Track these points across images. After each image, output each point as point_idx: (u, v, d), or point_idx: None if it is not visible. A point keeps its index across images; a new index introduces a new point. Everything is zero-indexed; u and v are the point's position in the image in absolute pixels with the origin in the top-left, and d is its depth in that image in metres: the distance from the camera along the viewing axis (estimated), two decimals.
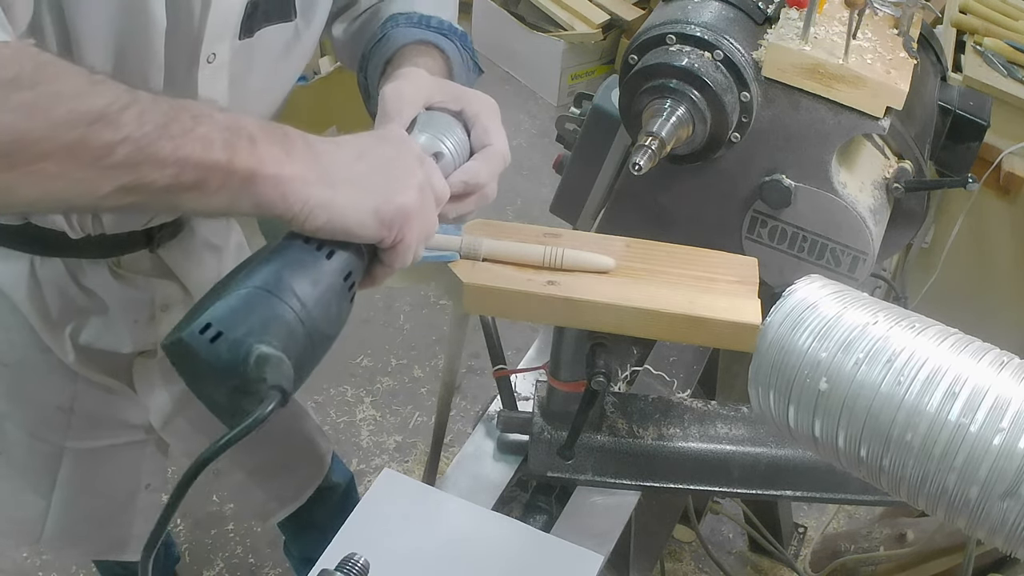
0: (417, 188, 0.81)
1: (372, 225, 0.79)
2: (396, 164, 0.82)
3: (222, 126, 0.73)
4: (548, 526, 1.16)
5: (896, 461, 0.76)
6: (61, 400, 1.29)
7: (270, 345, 0.69)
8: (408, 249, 0.82)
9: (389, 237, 0.80)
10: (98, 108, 0.68)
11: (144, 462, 1.44)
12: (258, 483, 1.61)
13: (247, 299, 0.71)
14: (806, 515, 2.37)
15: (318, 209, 0.76)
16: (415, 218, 0.81)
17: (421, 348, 2.78)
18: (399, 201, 0.79)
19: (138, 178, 0.70)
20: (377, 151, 0.82)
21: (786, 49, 1.14)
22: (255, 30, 1.01)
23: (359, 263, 0.80)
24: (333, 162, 0.78)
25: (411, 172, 0.82)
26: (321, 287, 0.75)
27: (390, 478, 1.10)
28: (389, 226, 0.79)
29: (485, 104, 0.95)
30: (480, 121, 0.93)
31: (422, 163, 0.84)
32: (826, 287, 0.84)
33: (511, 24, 3.71)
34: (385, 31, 1.09)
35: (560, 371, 1.13)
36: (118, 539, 1.50)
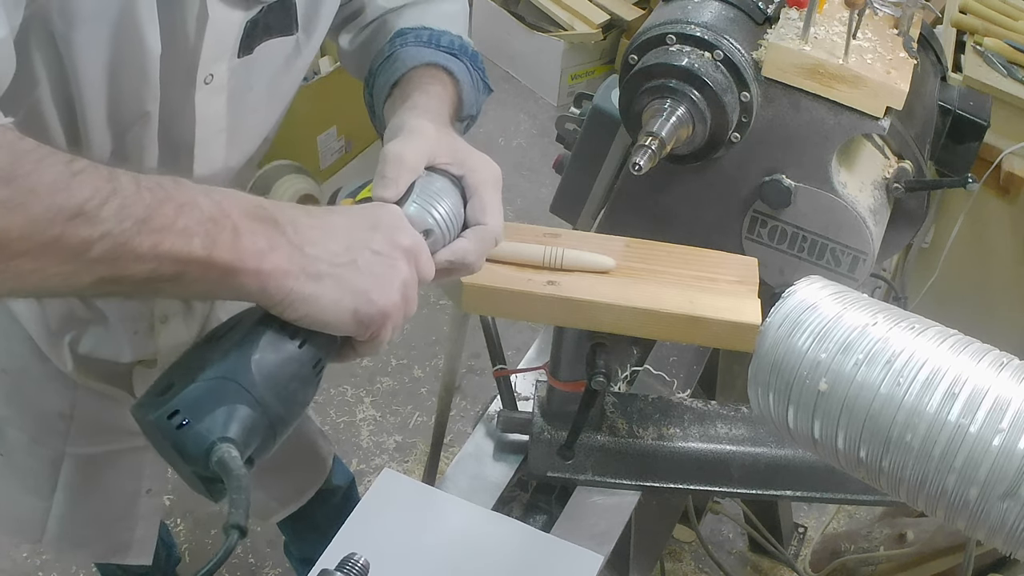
0: (400, 289, 0.80)
1: (350, 323, 0.78)
2: (382, 261, 0.80)
3: (205, 216, 0.72)
4: (548, 526, 1.16)
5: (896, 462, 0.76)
6: (61, 407, 1.29)
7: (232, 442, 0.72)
8: (383, 343, 0.82)
9: (366, 335, 0.80)
10: (76, 203, 0.67)
11: (145, 467, 1.44)
12: (258, 485, 1.61)
13: (214, 390, 0.73)
14: (806, 515, 2.37)
15: (298, 302, 0.76)
16: (392, 317, 0.80)
17: (421, 348, 2.78)
18: (380, 304, 0.79)
19: (116, 272, 0.70)
20: (366, 242, 0.80)
21: (786, 49, 1.14)
22: (254, 47, 0.99)
23: (331, 349, 0.81)
24: (318, 254, 0.77)
25: (396, 272, 0.80)
26: (288, 377, 0.77)
27: (390, 478, 1.10)
28: (367, 326, 0.79)
29: (488, 175, 0.92)
30: (479, 194, 0.91)
31: (410, 257, 0.82)
32: (826, 288, 0.84)
33: (511, 24, 3.70)
34: (393, 49, 1.07)
35: (560, 371, 1.13)
36: (120, 543, 1.49)
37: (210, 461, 0.72)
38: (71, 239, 0.67)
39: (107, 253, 0.68)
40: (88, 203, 0.67)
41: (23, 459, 1.36)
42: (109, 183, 0.69)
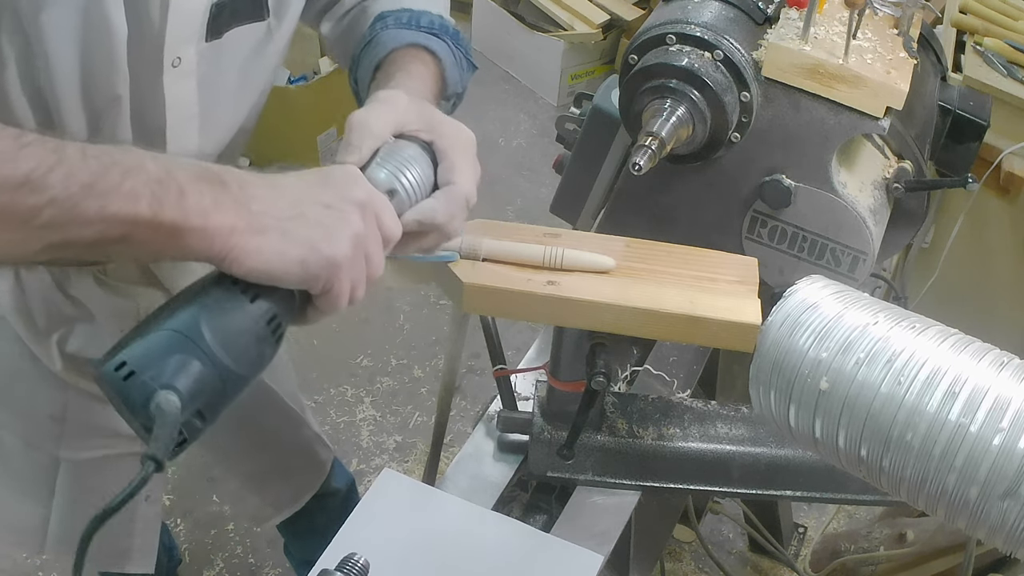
0: (350, 239, 0.80)
1: (298, 274, 0.78)
2: (331, 213, 0.80)
3: (152, 179, 0.74)
4: (548, 526, 1.16)
5: (896, 461, 0.76)
6: (53, 409, 1.29)
7: (175, 391, 0.73)
8: (339, 296, 0.82)
9: (317, 286, 0.80)
10: (23, 172, 0.69)
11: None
12: (253, 489, 1.60)
13: (161, 341, 0.74)
14: (806, 515, 2.37)
15: (243, 257, 0.77)
16: (344, 268, 0.80)
17: (421, 348, 2.78)
18: (327, 253, 0.79)
19: (65, 236, 0.72)
20: (315, 197, 0.81)
21: (786, 49, 1.14)
22: (223, 31, 0.99)
23: (287, 307, 0.81)
24: (265, 209, 0.78)
25: (346, 222, 0.80)
26: (239, 331, 0.77)
27: (390, 478, 1.10)
28: (317, 276, 0.79)
29: (459, 137, 0.93)
30: (449, 156, 0.91)
31: (364, 208, 0.82)
32: (826, 287, 0.84)
33: (511, 24, 3.71)
34: (374, 33, 1.07)
35: (560, 371, 1.13)
36: (120, 550, 1.49)
37: (149, 410, 0.72)
38: (19, 207, 0.69)
39: (54, 219, 0.71)
40: (34, 172, 0.70)
41: (18, 464, 1.36)
42: (55, 153, 0.71)
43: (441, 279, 1.05)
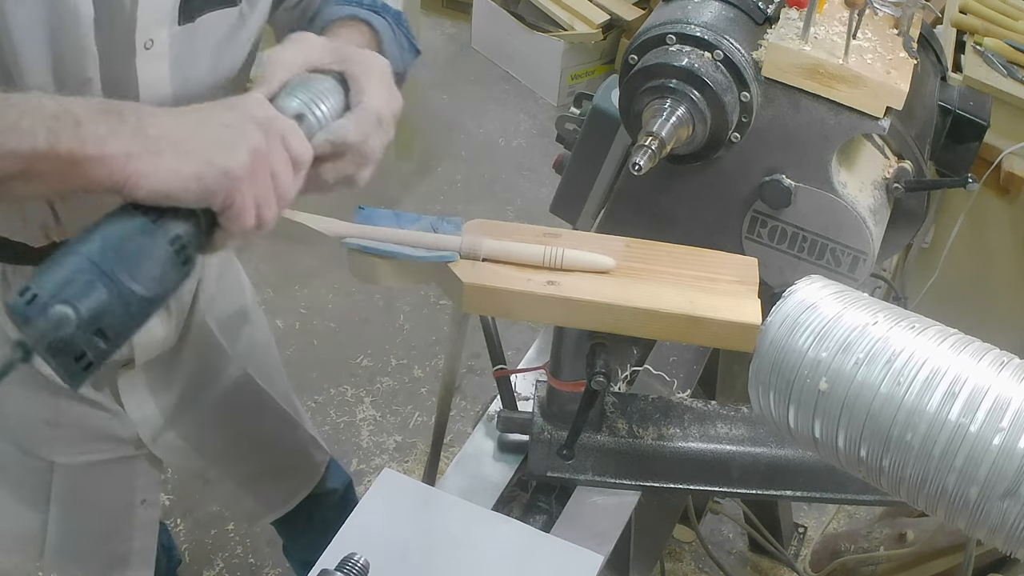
0: (248, 152, 0.81)
1: (195, 190, 0.80)
2: (227, 129, 0.82)
3: (49, 115, 0.77)
4: (548, 526, 1.16)
5: (896, 461, 0.76)
6: (46, 414, 1.28)
7: (71, 306, 0.75)
8: (243, 212, 0.82)
9: (216, 201, 0.81)
10: None
11: (137, 478, 1.43)
12: (248, 491, 1.60)
13: (62, 263, 0.77)
14: (806, 515, 2.37)
15: (141, 180, 0.78)
16: (244, 181, 0.81)
17: (421, 348, 2.78)
18: (223, 165, 0.80)
19: None
20: (215, 118, 0.83)
21: (786, 49, 1.14)
22: (196, 16, 1.00)
23: (190, 227, 0.82)
24: (162, 133, 0.80)
25: (243, 136, 0.81)
26: (139, 252, 0.79)
27: (390, 478, 1.10)
28: (214, 191, 0.80)
29: (369, 64, 0.94)
30: (359, 81, 0.92)
31: (266, 127, 0.83)
32: (826, 287, 0.84)
33: (511, 24, 3.71)
34: (317, 10, 1.09)
35: (560, 371, 1.13)
36: (119, 555, 1.49)
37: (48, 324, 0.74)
38: None
39: None
40: None
41: (14, 470, 1.36)
42: None
43: (441, 279, 1.05)
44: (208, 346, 1.39)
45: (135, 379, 1.32)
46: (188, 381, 1.39)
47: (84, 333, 0.75)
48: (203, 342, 1.38)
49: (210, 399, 1.43)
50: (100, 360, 0.78)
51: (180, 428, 1.41)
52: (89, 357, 0.77)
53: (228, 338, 1.42)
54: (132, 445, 1.38)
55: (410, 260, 1.04)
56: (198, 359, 1.39)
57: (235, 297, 1.44)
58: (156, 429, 1.38)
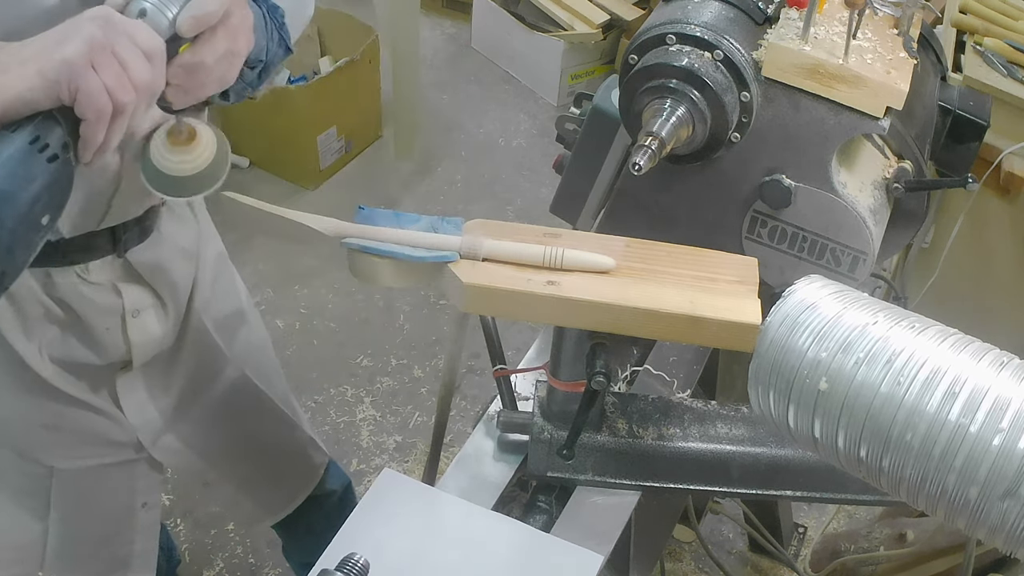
0: (83, 40, 0.82)
1: (39, 87, 0.81)
2: (62, 29, 0.84)
3: None
4: (548, 526, 1.16)
5: (896, 461, 0.76)
6: (45, 419, 1.28)
7: None
8: (92, 97, 0.83)
9: (63, 91, 0.82)
10: None
11: (137, 481, 1.43)
12: (247, 494, 1.60)
13: None
14: (806, 515, 2.37)
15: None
16: (82, 66, 0.82)
17: (421, 348, 2.78)
18: (59, 55, 0.82)
19: None
20: (56, 29, 0.84)
21: (786, 49, 1.14)
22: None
23: (51, 126, 0.84)
24: (8, 53, 0.83)
25: (77, 31, 0.83)
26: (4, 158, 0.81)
27: (390, 478, 1.10)
28: (56, 81, 0.82)
29: None
30: None
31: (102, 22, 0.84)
32: (826, 287, 0.84)
33: (511, 24, 3.70)
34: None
35: (560, 371, 1.13)
36: (120, 558, 1.48)
37: None
38: None
39: None
40: None
41: (14, 476, 1.35)
42: None
43: (441, 279, 1.05)
44: (205, 348, 1.39)
45: (133, 382, 1.32)
46: (186, 383, 1.39)
47: None
48: (200, 344, 1.38)
49: (208, 401, 1.43)
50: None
51: (179, 431, 1.41)
52: None
53: (225, 340, 1.42)
54: (132, 449, 1.38)
55: (410, 260, 1.04)
56: (196, 361, 1.39)
57: (231, 299, 1.44)
58: (155, 432, 1.38)
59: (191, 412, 1.41)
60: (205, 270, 1.34)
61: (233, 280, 1.47)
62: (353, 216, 1.08)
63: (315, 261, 2.96)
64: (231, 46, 0.93)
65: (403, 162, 3.34)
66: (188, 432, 1.42)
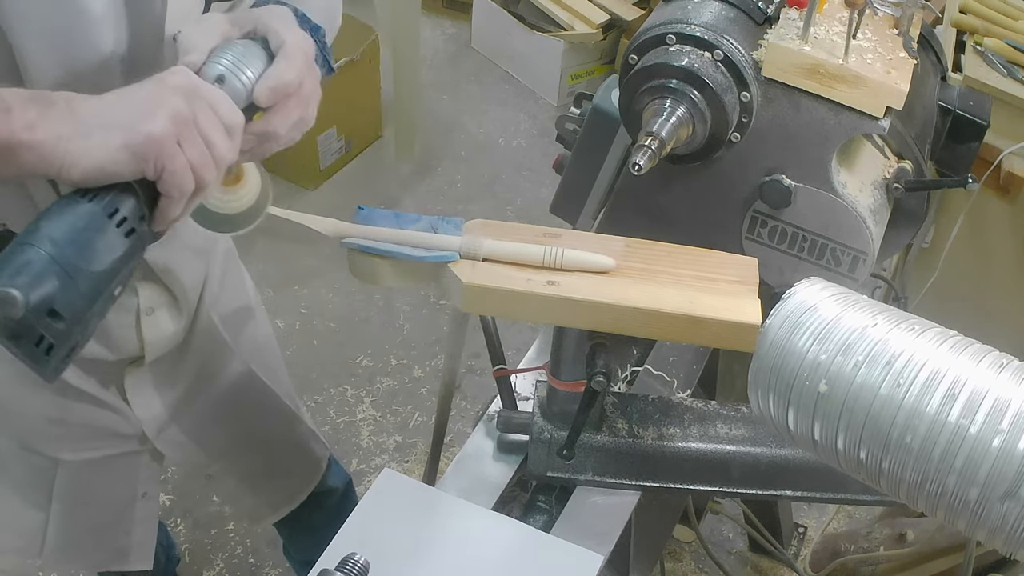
0: (169, 116, 0.82)
1: (124, 160, 0.80)
2: (147, 98, 0.83)
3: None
4: (548, 526, 1.16)
5: (896, 463, 0.76)
6: (51, 412, 1.29)
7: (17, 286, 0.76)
8: (178, 176, 0.83)
9: (149, 168, 0.81)
10: None
11: (140, 471, 1.43)
12: (249, 489, 1.61)
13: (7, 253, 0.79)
14: (806, 515, 2.37)
15: (75, 160, 0.79)
16: (170, 144, 0.81)
17: (421, 348, 2.78)
18: (146, 130, 0.80)
19: None
20: (137, 92, 0.83)
21: (786, 49, 1.14)
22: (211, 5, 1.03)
23: (129, 199, 0.83)
24: (89, 113, 0.81)
25: (163, 102, 0.82)
26: (79, 229, 0.80)
27: (390, 478, 1.10)
28: (143, 157, 0.81)
29: (277, 13, 0.94)
30: (271, 27, 0.92)
31: (186, 92, 0.84)
32: (826, 289, 0.84)
33: (511, 24, 3.70)
34: None
35: (560, 371, 1.13)
36: (118, 549, 1.49)
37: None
38: None
39: None
40: None
41: (17, 468, 1.36)
42: None
43: (441, 279, 1.05)
44: (213, 343, 1.39)
45: (142, 376, 1.33)
46: (193, 377, 1.39)
47: (36, 315, 0.77)
48: (208, 339, 1.38)
49: (214, 395, 1.44)
50: (62, 342, 0.79)
51: (183, 423, 1.41)
52: (49, 339, 0.78)
53: (232, 335, 1.42)
54: (136, 440, 1.39)
55: (410, 260, 1.04)
56: (203, 356, 1.39)
57: (239, 295, 1.45)
58: (160, 424, 1.38)
59: (196, 405, 1.42)
60: (214, 267, 1.35)
61: (241, 276, 1.47)
62: (353, 216, 1.08)
63: (315, 261, 2.96)
64: (303, 113, 0.94)
65: (403, 162, 3.34)
66: (192, 425, 1.42)
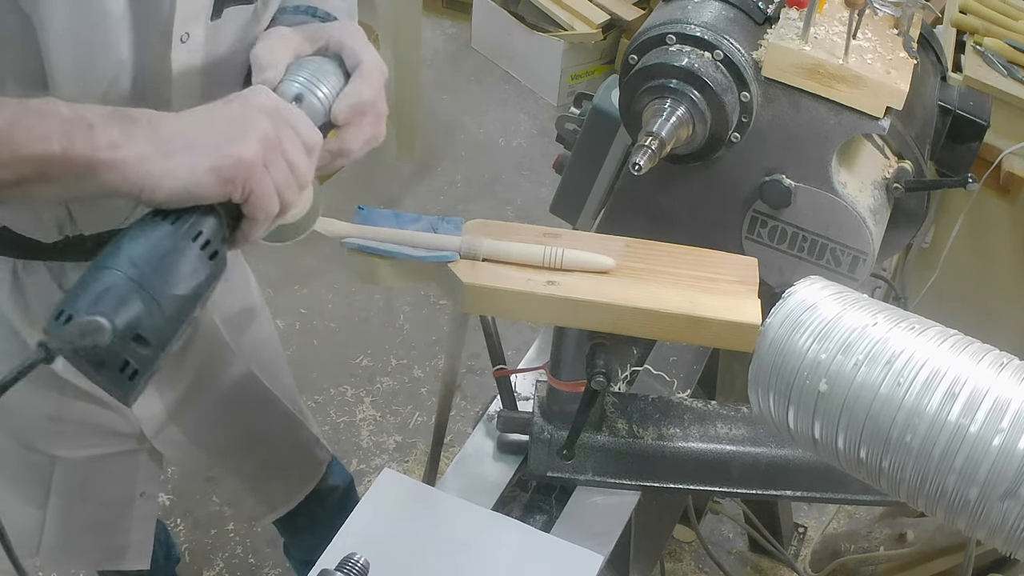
0: (258, 139, 0.81)
1: (211, 183, 0.80)
2: (235, 120, 0.82)
3: (64, 120, 0.77)
4: (548, 526, 1.16)
5: (896, 462, 0.76)
6: (50, 409, 1.28)
7: (102, 314, 0.75)
8: (265, 199, 0.82)
9: (236, 192, 0.81)
10: None
11: (138, 470, 1.43)
12: (249, 489, 1.61)
13: (91, 279, 0.77)
14: (806, 515, 2.37)
15: (157, 182, 0.79)
16: (258, 168, 0.81)
17: (421, 348, 2.78)
18: (236, 154, 0.80)
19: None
20: (221, 112, 0.83)
21: (786, 49, 1.14)
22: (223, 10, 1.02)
23: (212, 222, 0.82)
24: (173, 133, 0.80)
25: (250, 124, 0.82)
26: (163, 252, 0.79)
27: (390, 478, 1.10)
28: (231, 180, 0.80)
29: (345, 30, 0.95)
30: (346, 44, 0.93)
31: (271, 113, 0.83)
32: (826, 288, 0.84)
33: (511, 24, 3.70)
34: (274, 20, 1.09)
35: (560, 371, 1.13)
36: (116, 548, 1.49)
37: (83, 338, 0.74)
38: None
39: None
40: None
41: (14, 465, 1.36)
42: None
43: (441, 279, 1.05)
44: (213, 343, 1.39)
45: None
46: (193, 377, 1.39)
47: (122, 341, 0.75)
48: (208, 339, 1.38)
49: (214, 396, 1.44)
50: (146, 367, 0.78)
51: (183, 423, 1.41)
52: (133, 365, 0.77)
53: (233, 336, 1.42)
54: (135, 440, 1.39)
55: (410, 260, 1.04)
56: (203, 356, 1.39)
57: (242, 295, 1.45)
58: (159, 424, 1.38)
59: (196, 406, 1.42)
60: None
61: (245, 277, 1.47)
62: (353, 216, 1.08)
63: (315, 261, 2.96)
64: (375, 131, 0.94)
65: (403, 162, 3.34)
66: (191, 425, 1.42)
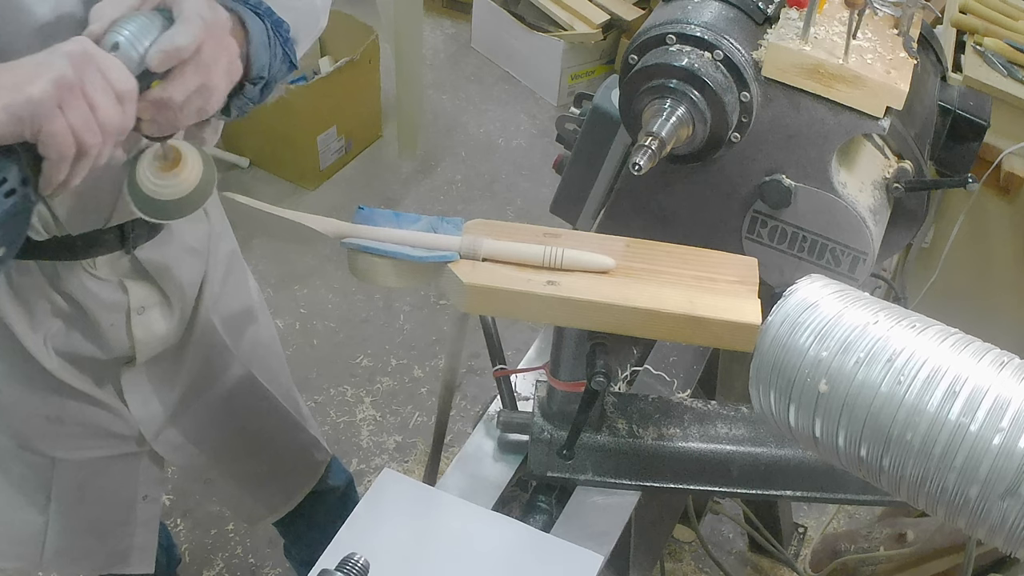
0: (52, 80, 0.82)
1: (4, 122, 0.81)
2: (35, 63, 0.83)
3: None
4: (548, 526, 1.16)
5: (896, 461, 0.76)
6: (48, 410, 1.29)
7: None
8: (57, 138, 0.83)
9: (25, 130, 0.82)
10: None
11: (140, 473, 1.43)
12: (248, 492, 1.61)
13: None
14: (806, 515, 2.37)
15: None
16: (47, 106, 0.81)
17: (421, 348, 2.78)
18: (26, 92, 0.81)
19: None
20: (28, 59, 0.84)
21: (786, 49, 1.14)
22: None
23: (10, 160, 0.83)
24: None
25: (48, 67, 0.82)
26: None
27: (390, 478, 1.10)
28: (20, 119, 0.81)
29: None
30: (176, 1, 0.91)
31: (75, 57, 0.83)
32: (827, 287, 0.84)
33: (511, 24, 3.71)
34: None
35: (560, 371, 1.13)
36: (119, 551, 1.49)
37: None
38: None
39: None
40: None
41: (15, 468, 1.36)
42: None
43: (441, 279, 1.05)
44: (212, 345, 1.39)
45: (138, 377, 1.32)
46: (192, 379, 1.39)
47: None
48: (207, 340, 1.38)
49: (212, 397, 1.44)
50: None
51: (182, 425, 1.41)
52: None
53: (232, 337, 1.42)
54: (134, 442, 1.39)
55: (410, 260, 1.04)
56: (202, 358, 1.39)
57: (241, 296, 1.45)
58: (158, 426, 1.38)
59: (195, 408, 1.42)
60: (215, 268, 1.35)
61: (244, 278, 1.47)
62: (353, 216, 1.08)
63: (315, 261, 2.96)
64: (204, 80, 0.92)
65: (403, 162, 3.34)
66: (191, 427, 1.42)
